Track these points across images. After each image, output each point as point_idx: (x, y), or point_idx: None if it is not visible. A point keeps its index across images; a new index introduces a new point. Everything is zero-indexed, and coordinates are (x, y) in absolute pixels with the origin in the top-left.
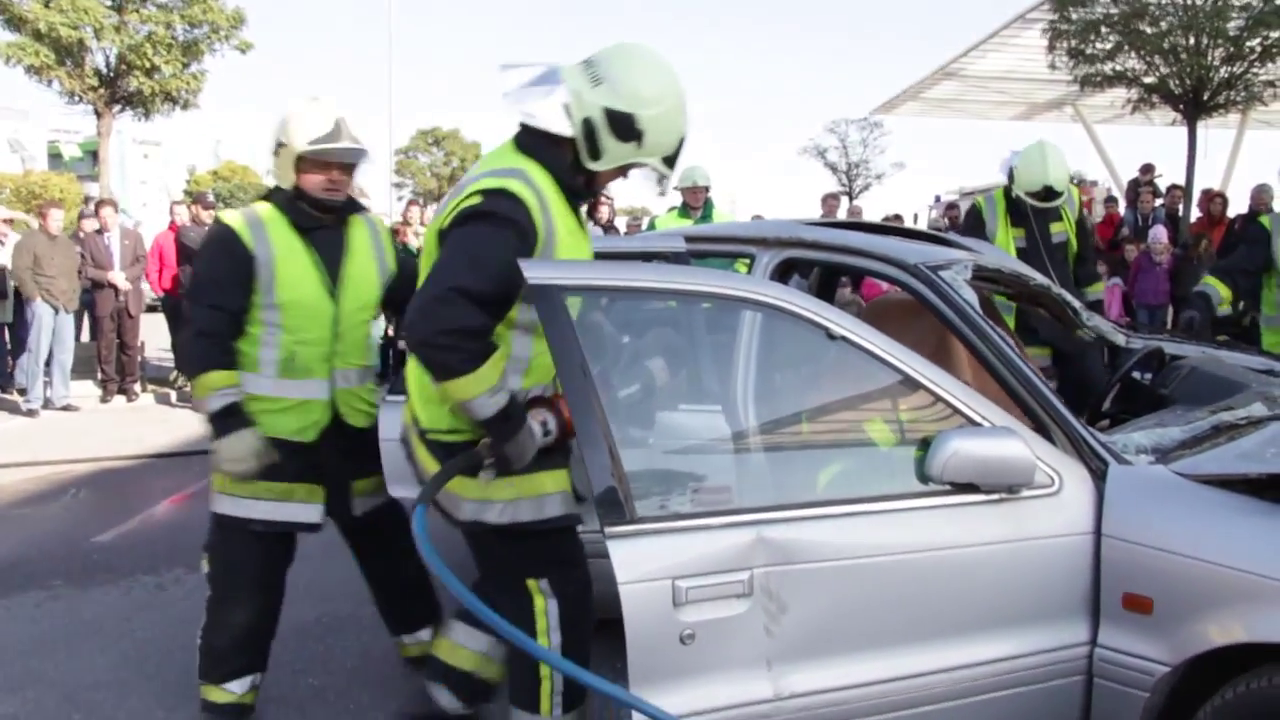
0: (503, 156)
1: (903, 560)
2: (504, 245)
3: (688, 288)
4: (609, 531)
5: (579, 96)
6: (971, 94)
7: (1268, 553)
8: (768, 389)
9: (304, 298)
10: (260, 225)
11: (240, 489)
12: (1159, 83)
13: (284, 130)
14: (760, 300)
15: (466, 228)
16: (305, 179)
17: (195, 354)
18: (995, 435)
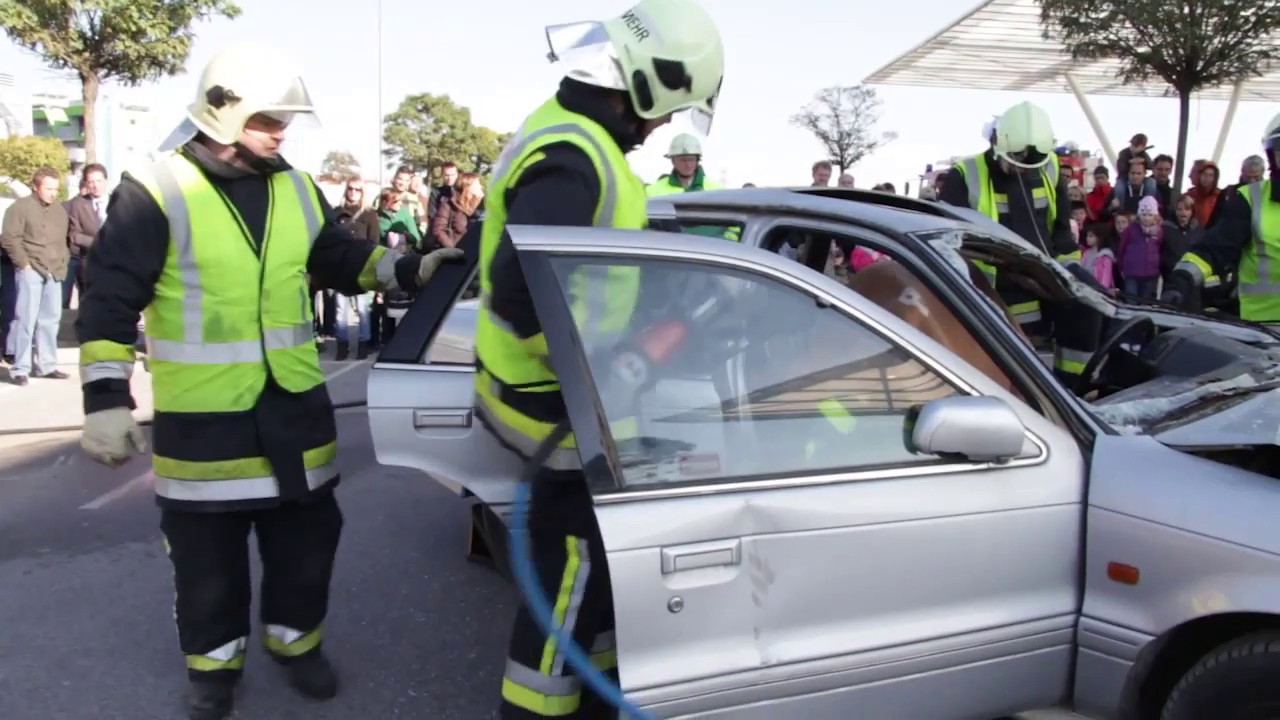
0: (551, 114)
1: (890, 529)
2: (572, 198)
3: (677, 255)
4: (598, 500)
5: (628, 50)
6: (964, 63)
7: (1252, 523)
8: (757, 357)
9: (224, 254)
10: (172, 180)
11: (185, 471)
12: (1152, 52)
13: (237, 83)
14: (750, 268)
15: (535, 185)
16: (250, 136)
17: (86, 317)
18: (983, 405)
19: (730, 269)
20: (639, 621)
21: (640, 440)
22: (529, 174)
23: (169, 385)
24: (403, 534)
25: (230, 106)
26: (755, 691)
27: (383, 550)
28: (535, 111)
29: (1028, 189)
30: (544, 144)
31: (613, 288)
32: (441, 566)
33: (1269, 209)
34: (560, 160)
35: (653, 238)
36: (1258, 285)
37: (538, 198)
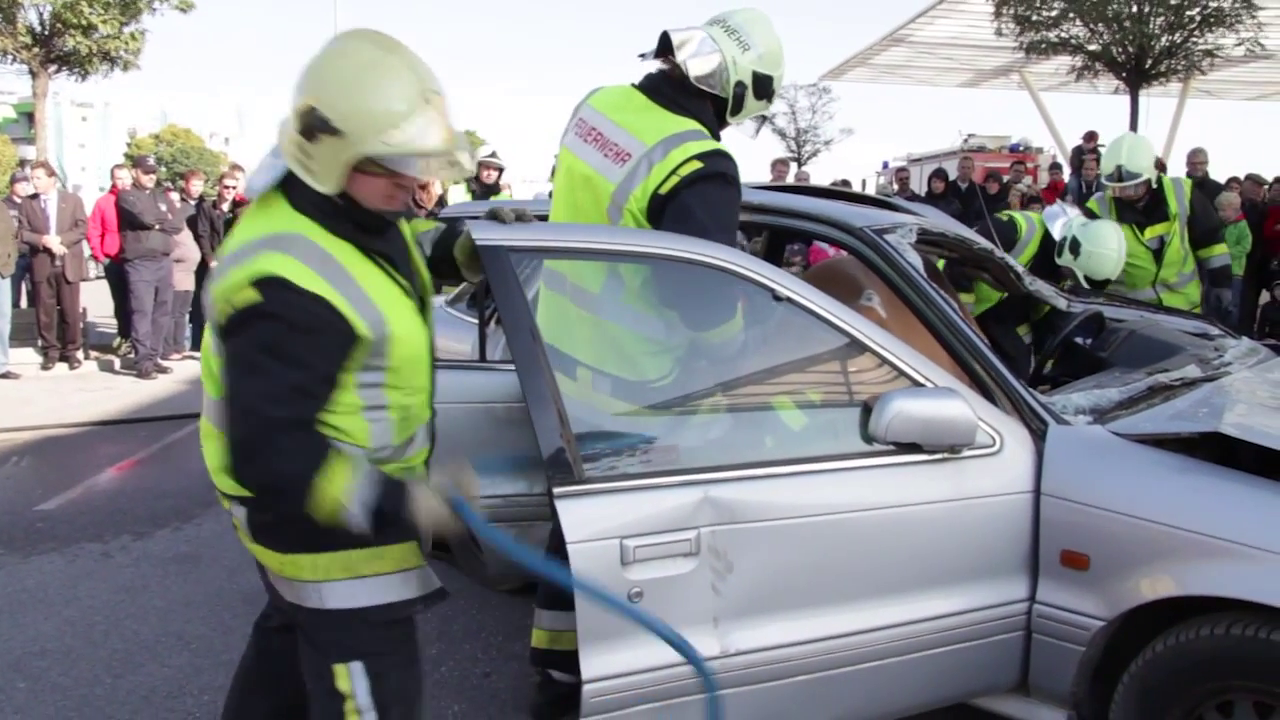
0: (654, 114)
1: (847, 519)
2: (734, 202)
3: (633, 249)
4: (558, 492)
5: (735, 62)
6: (920, 60)
7: (1198, 509)
8: (714, 350)
9: (411, 338)
10: (333, 264)
11: (385, 564)
12: (1102, 50)
13: (337, 104)
14: (707, 261)
15: (698, 189)
16: (364, 185)
17: (294, 456)
18: (938, 396)
19: (688, 263)
20: (599, 612)
21: (599, 433)
22: (690, 180)
23: None
24: None
25: (327, 141)
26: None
27: None
28: (618, 100)
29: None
30: (698, 152)
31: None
32: None
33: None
34: (721, 167)
35: (611, 232)
36: (1178, 282)
37: (707, 203)
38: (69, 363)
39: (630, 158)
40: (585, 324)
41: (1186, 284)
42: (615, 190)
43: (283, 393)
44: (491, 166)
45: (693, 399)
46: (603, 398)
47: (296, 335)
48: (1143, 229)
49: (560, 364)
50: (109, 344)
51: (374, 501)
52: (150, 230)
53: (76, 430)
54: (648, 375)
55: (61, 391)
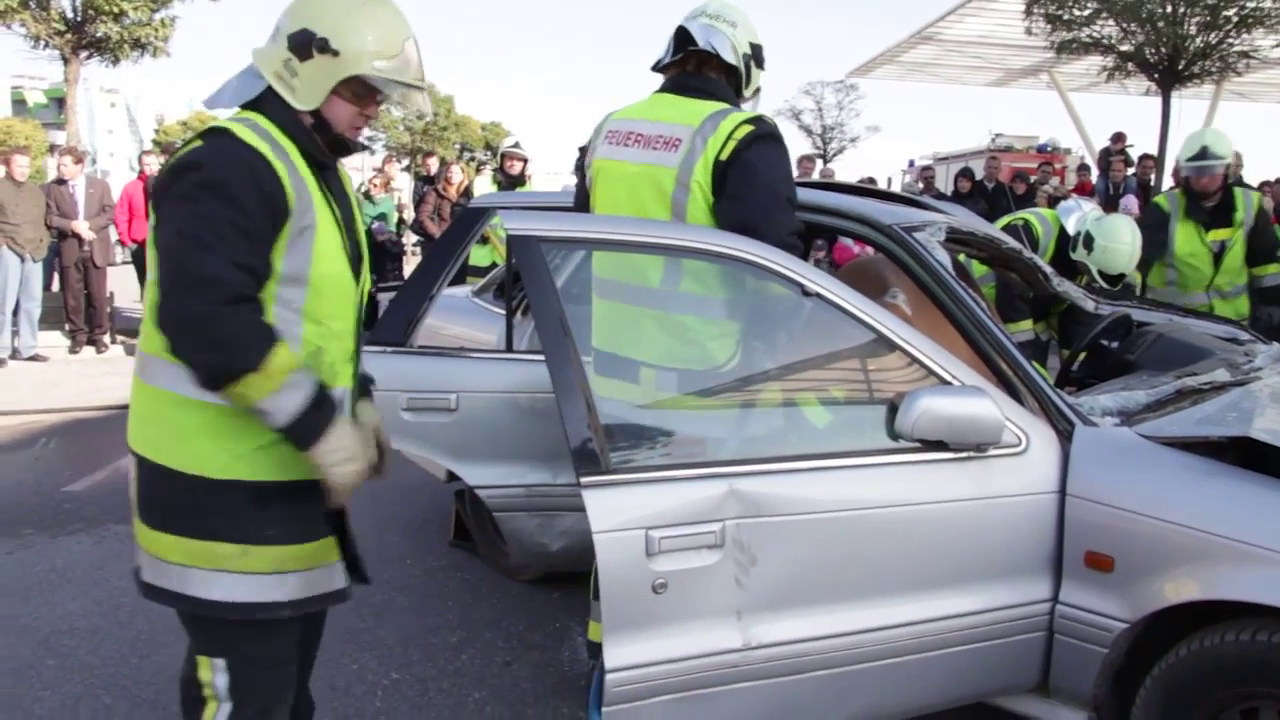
0: (698, 105)
1: (871, 515)
2: (789, 158)
3: (666, 241)
4: (584, 481)
5: (735, 38)
6: (948, 59)
7: (1225, 513)
8: (743, 344)
9: (336, 270)
10: (284, 152)
11: (252, 561)
12: (1135, 50)
13: (336, 29)
14: (737, 255)
15: (757, 149)
16: (335, 106)
17: (240, 331)
18: (965, 394)
19: (718, 256)
20: (623, 602)
21: (626, 424)
22: (746, 141)
23: (230, 437)
24: (386, 520)
25: (320, 60)
26: (736, 673)
27: (366, 536)
28: (668, 101)
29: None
30: (747, 118)
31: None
32: (424, 552)
33: (1183, 227)
34: (771, 128)
35: (642, 224)
36: (1165, 292)
37: (767, 159)
38: (96, 346)
39: (682, 141)
40: (648, 321)
41: (1238, 296)
42: (678, 172)
43: (221, 227)
44: (516, 157)
45: (737, 389)
46: (659, 393)
47: (233, 177)
48: (1207, 230)
49: (621, 369)
50: (135, 328)
51: (308, 397)
52: None
53: (103, 413)
54: (718, 359)
55: (89, 375)
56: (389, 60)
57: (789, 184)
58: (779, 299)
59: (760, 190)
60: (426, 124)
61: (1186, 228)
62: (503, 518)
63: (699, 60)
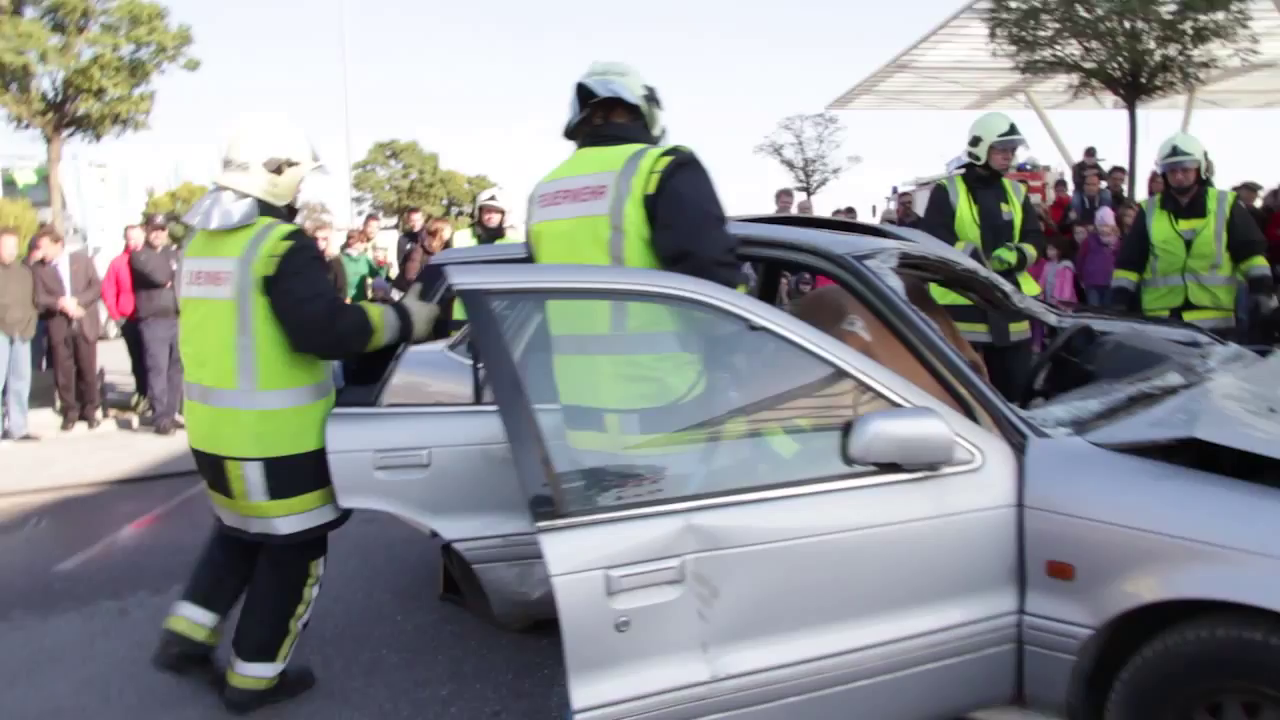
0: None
1: (831, 541)
2: (714, 182)
3: (613, 287)
4: (541, 527)
5: (628, 84)
6: (925, 85)
7: (1178, 514)
8: (701, 370)
9: None
10: None
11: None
12: (1097, 68)
13: (291, 148)
14: (683, 295)
15: (681, 176)
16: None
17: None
18: (915, 415)
19: (664, 298)
20: (587, 643)
21: (589, 469)
22: (669, 171)
23: (315, 423)
24: (376, 577)
25: (289, 173)
26: (706, 705)
27: (356, 595)
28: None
29: (994, 203)
30: (665, 150)
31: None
32: (414, 607)
33: (1158, 216)
34: (690, 155)
35: (589, 271)
36: (1151, 280)
37: (693, 184)
38: (88, 422)
39: (607, 187)
40: (604, 367)
41: (1217, 285)
42: (610, 217)
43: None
44: (493, 210)
45: (695, 425)
46: (625, 436)
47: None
48: (1178, 219)
49: (589, 420)
50: (127, 402)
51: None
52: (163, 288)
53: (96, 489)
54: (678, 391)
55: (81, 451)
56: (312, 157)
57: (717, 204)
58: (728, 331)
59: (690, 215)
60: (412, 182)
61: (1161, 217)
62: (482, 569)
63: (605, 111)
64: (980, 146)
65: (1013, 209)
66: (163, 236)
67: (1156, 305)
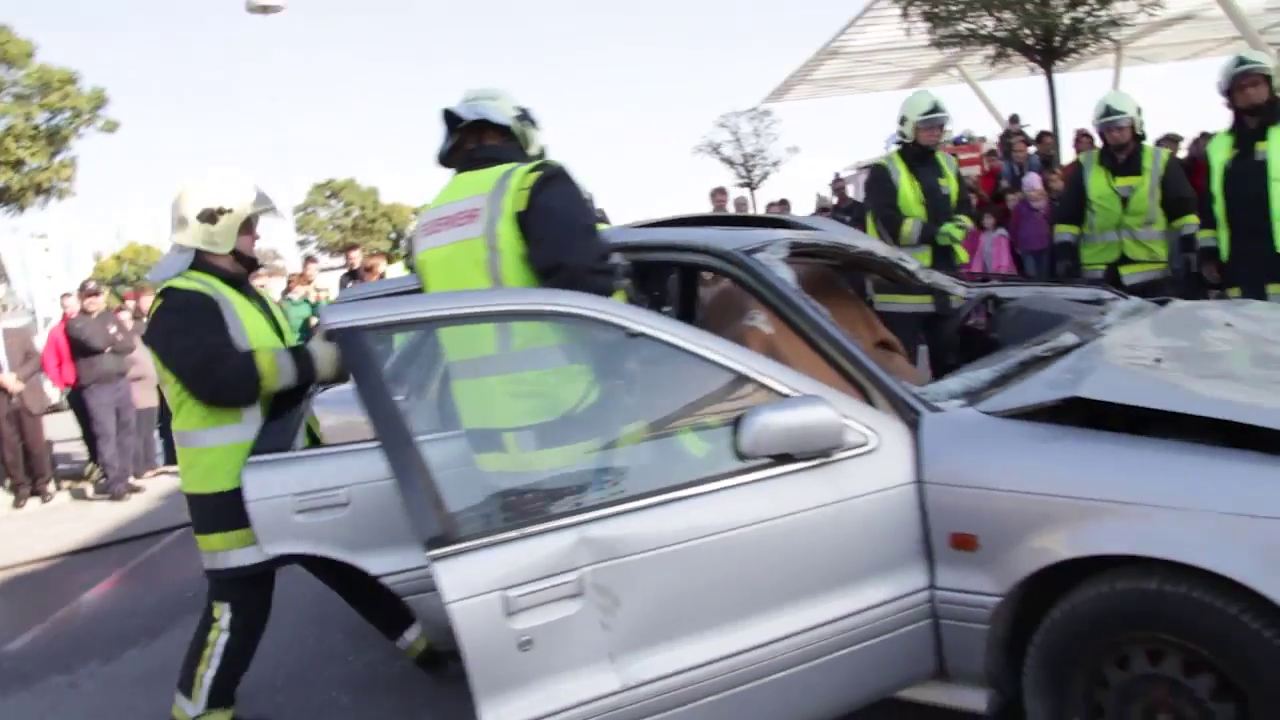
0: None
1: (730, 538)
2: (583, 193)
3: (486, 310)
4: (433, 555)
5: (498, 106)
6: (858, 69)
7: (1067, 474)
8: (591, 380)
9: (265, 343)
10: (211, 285)
11: (249, 538)
12: (1010, 36)
13: (223, 198)
14: (556, 311)
15: (550, 191)
16: (241, 240)
17: (235, 377)
18: (801, 404)
19: (538, 315)
20: (491, 665)
21: (473, 489)
22: (538, 187)
23: (230, 463)
24: (328, 619)
25: (223, 220)
26: (622, 714)
27: (308, 639)
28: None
29: (932, 178)
30: (533, 166)
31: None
32: (366, 646)
33: (1095, 172)
34: (557, 169)
35: (461, 297)
36: (1088, 236)
37: (562, 197)
38: (41, 496)
39: (480, 209)
40: (497, 387)
41: (1152, 240)
42: (485, 238)
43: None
44: None
45: (587, 435)
46: (523, 454)
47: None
48: (1115, 176)
49: (490, 442)
50: (81, 472)
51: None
52: (102, 354)
53: (48, 563)
54: (570, 403)
55: (33, 528)
56: (255, 201)
57: (586, 213)
58: (609, 341)
59: (559, 227)
60: (355, 219)
61: (1098, 174)
62: (413, 601)
63: (477, 135)
64: (907, 125)
65: (949, 182)
66: (97, 302)
67: (1095, 261)
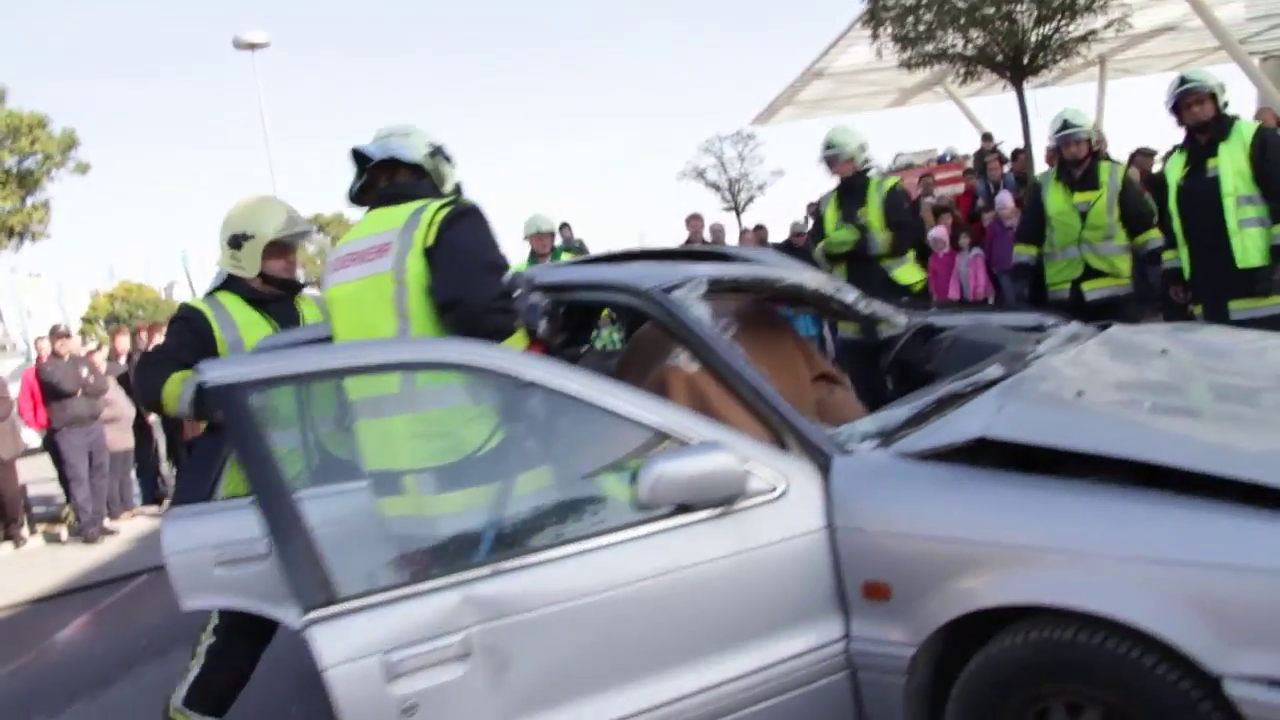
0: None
1: (630, 592)
2: (492, 230)
3: (374, 362)
4: (310, 618)
5: (410, 144)
6: (844, 90)
7: (980, 519)
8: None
9: None
10: (219, 303)
11: None
12: (978, 54)
13: (247, 224)
14: (445, 362)
15: (458, 227)
16: (270, 264)
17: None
18: (699, 452)
19: (428, 366)
20: (364, 709)
21: (351, 548)
22: (447, 222)
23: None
24: (278, 668)
25: (247, 245)
26: None
27: (255, 686)
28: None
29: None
30: (444, 202)
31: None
32: (311, 695)
33: (1054, 189)
34: (467, 206)
35: (347, 349)
36: (1050, 254)
37: (469, 233)
38: (14, 542)
39: (391, 244)
40: (400, 426)
41: (1113, 254)
42: (394, 272)
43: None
44: None
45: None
46: (421, 497)
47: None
48: (1073, 192)
49: (390, 484)
50: (57, 515)
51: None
52: (73, 397)
53: (13, 610)
54: (472, 444)
55: (4, 573)
56: (282, 226)
57: (493, 252)
58: (506, 388)
59: (462, 263)
60: None
61: (1056, 190)
62: None
63: (388, 173)
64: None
65: (868, 211)
66: (68, 345)
67: (1058, 279)
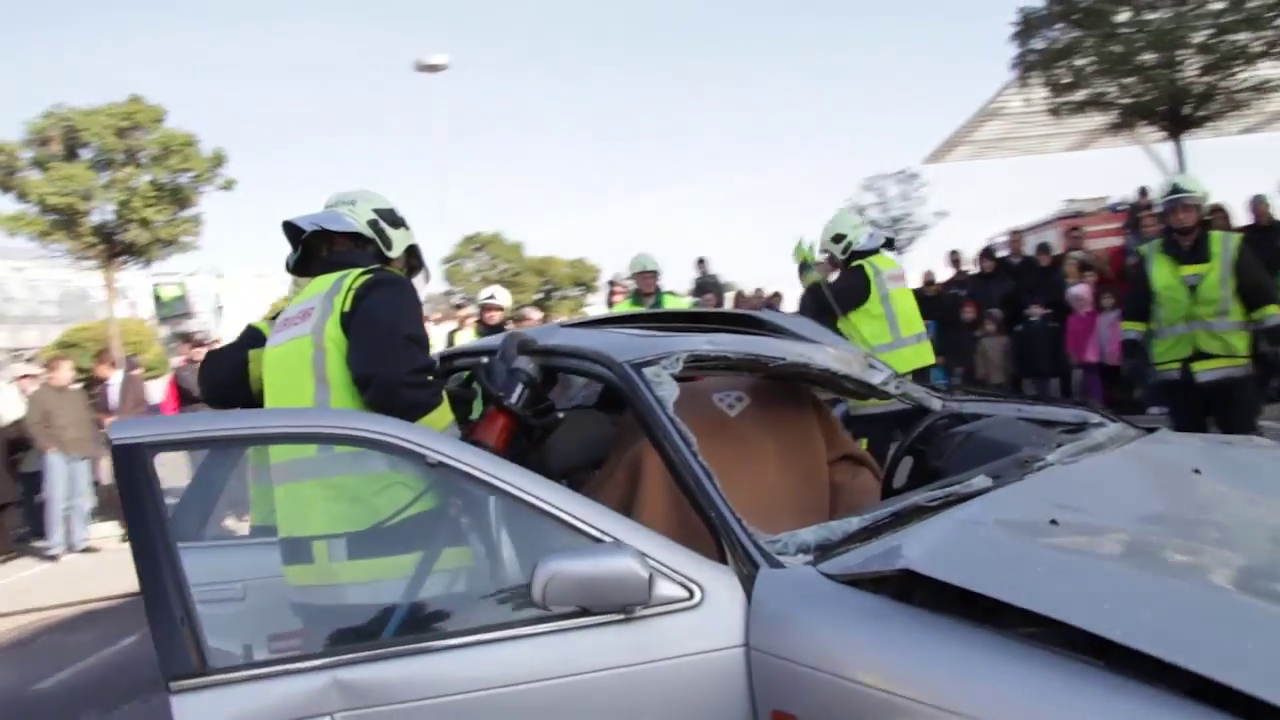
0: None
1: (511, 693)
2: (413, 298)
3: (279, 431)
4: (174, 687)
5: (352, 212)
6: (1020, 130)
7: (901, 667)
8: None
9: None
10: None
11: None
12: (1135, 103)
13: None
14: (353, 435)
15: (376, 294)
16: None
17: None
18: (600, 554)
19: (336, 438)
20: None
21: (226, 620)
22: (365, 289)
23: None
24: None
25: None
26: None
27: None
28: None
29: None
30: (366, 270)
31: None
32: None
33: (1159, 261)
34: (389, 276)
35: (257, 415)
36: (1158, 330)
37: (386, 302)
38: None
39: (313, 309)
40: (314, 491)
41: (1228, 331)
42: (313, 336)
43: None
44: (493, 308)
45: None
46: (331, 565)
47: None
48: (1180, 264)
49: (299, 551)
50: None
51: None
52: None
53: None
54: (383, 513)
55: None
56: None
57: (411, 323)
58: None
59: (377, 335)
60: (501, 272)
61: (1162, 263)
62: None
63: (328, 242)
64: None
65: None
66: (204, 351)
67: (1166, 358)
